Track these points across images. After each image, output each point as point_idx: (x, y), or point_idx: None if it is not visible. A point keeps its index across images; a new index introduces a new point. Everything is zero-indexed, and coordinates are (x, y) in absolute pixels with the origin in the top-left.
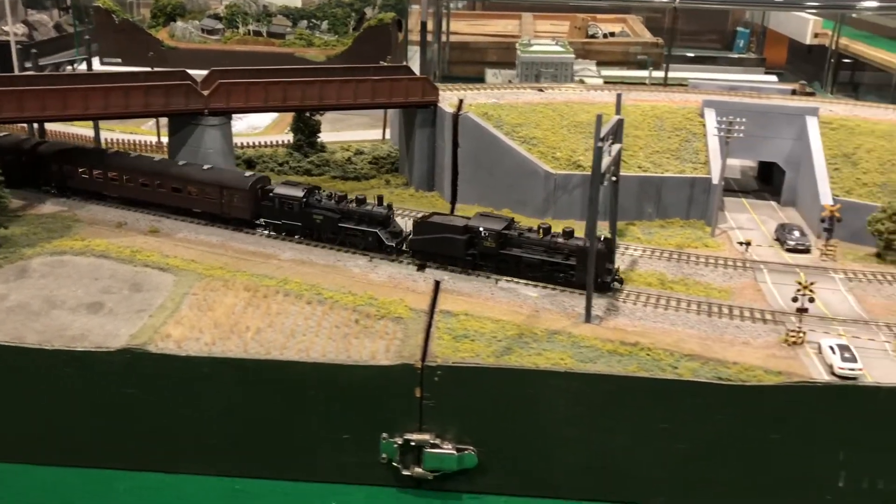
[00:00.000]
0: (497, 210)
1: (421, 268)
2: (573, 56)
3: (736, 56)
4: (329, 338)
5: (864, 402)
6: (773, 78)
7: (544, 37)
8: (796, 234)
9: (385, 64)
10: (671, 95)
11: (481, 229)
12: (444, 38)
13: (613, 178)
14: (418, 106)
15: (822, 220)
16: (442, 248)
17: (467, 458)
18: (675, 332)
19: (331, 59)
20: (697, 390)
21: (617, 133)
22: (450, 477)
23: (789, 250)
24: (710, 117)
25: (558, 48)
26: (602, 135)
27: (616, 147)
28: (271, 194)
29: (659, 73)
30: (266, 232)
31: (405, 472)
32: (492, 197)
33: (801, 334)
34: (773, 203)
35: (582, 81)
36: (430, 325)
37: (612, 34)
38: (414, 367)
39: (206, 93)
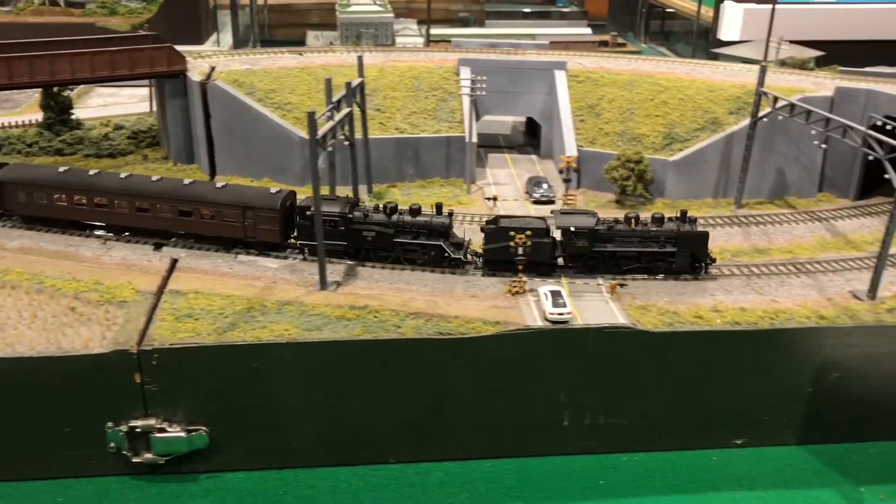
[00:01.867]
0: (257, 180)
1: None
2: (392, 16)
3: (559, 10)
4: (42, 329)
5: (576, 343)
6: (588, 30)
7: None
8: (544, 186)
9: (142, 33)
10: (430, 55)
11: (572, 228)
12: (261, 1)
13: (347, 142)
14: (165, 76)
15: (561, 171)
16: (525, 254)
17: (197, 439)
18: (408, 291)
19: (135, 28)
20: (420, 347)
21: (358, 96)
22: (184, 459)
23: (535, 202)
24: (466, 76)
25: (378, 7)
26: (336, 98)
27: (345, 111)
28: (308, 213)
29: (483, 30)
30: (302, 256)
31: (136, 460)
32: (250, 167)
33: (523, 283)
34: (534, 157)
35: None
36: (155, 307)
37: None
38: (130, 352)
39: None
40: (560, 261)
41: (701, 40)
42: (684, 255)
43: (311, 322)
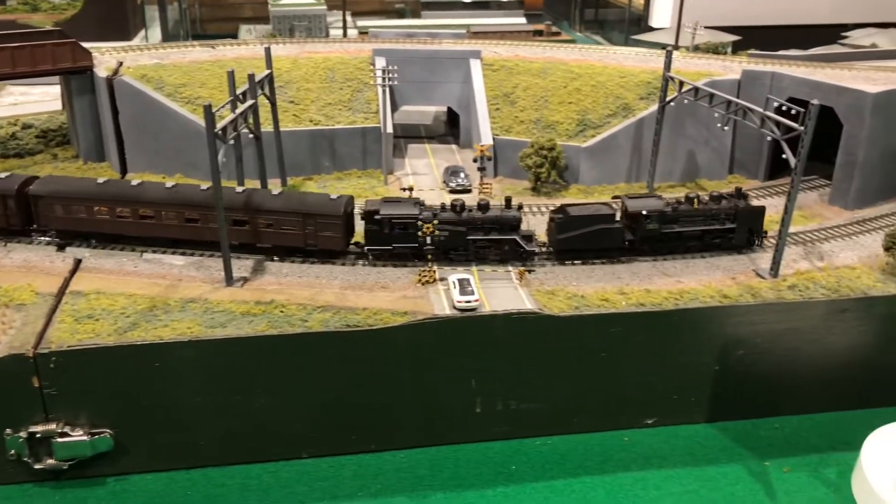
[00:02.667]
0: (169, 176)
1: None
2: (325, 8)
3: (496, 0)
4: None
5: (484, 330)
6: (523, 20)
7: None
8: (461, 175)
9: (48, 28)
10: (345, 46)
11: (644, 212)
12: None
13: (252, 136)
14: (70, 72)
15: (475, 160)
16: (596, 241)
17: (101, 442)
18: (317, 284)
19: (58, 25)
20: (326, 340)
21: (266, 88)
22: (89, 463)
23: (452, 191)
24: (381, 66)
25: (311, 0)
26: (242, 91)
27: (248, 103)
28: (377, 216)
29: (417, 22)
30: (366, 261)
31: (38, 466)
32: (161, 163)
33: (432, 272)
34: (454, 146)
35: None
36: (55, 309)
37: None
38: (26, 356)
39: None
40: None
41: (634, 28)
42: (743, 231)
43: (215, 319)
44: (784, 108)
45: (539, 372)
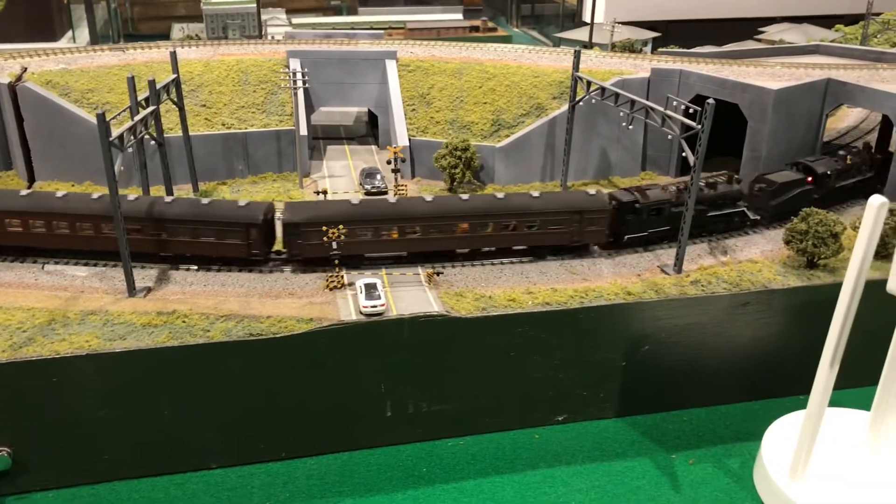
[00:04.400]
0: (79, 184)
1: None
2: (255, 6)
3: None
4: None
5: (392, 334)
6: (459, 16)
7: None
8: (377, 178)
9: None
10: (260, 48)
11: (828, 172)
12: None
13: (154, 142)
14: None
15: (389, 162)
16: (796, 204)
17: None
18: (222, 292)
19: None
20: (229, 350)
21: (173, 93)
22: None
23: (368, 193)
24: (296, 68)
25: None
26: (145, 97)
27: (149, 109)
28: (637, 205)
29: (354, 18)
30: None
31: None
32: (70, 170)
33: (340, 278)
34: (373, 147)
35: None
36: None
37: None
38: None
39: None
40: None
41: (568, 23)
42: (874, 181)
43: (115, 331)
44: (683, 107)
45: (449, 374)
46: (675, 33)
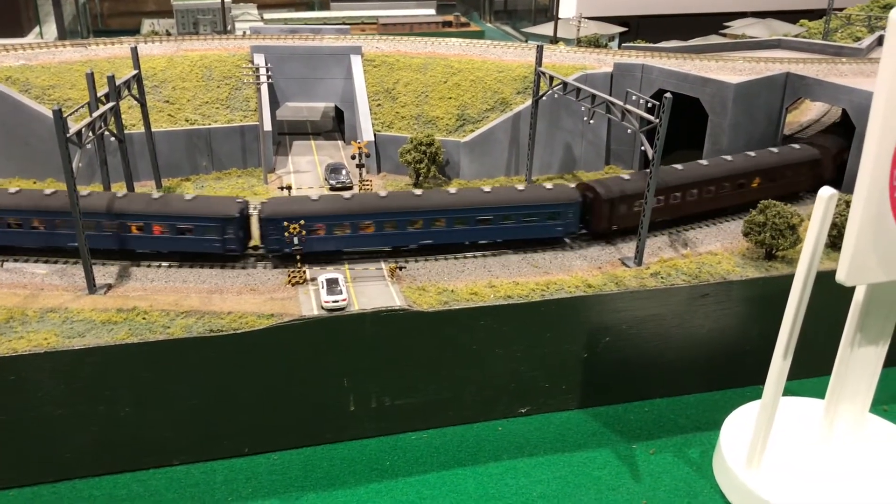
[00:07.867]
0: (41, 181)
1: None
2: (229, 0)
3: None
4: None
5: (354, 329)
6: (432, 11)
7: None
8: (343, 173)
9: None
10: (224, 43)
11: None
12: None
13: (113, 139)
14: None
15: (353, 157)
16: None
17: None
18: (183, 289)
19: None
20: (189, 346)
21: (134, 89)
22: None
23: (333, 189)
24: (260, 63)
25: None
26: (105, 93)
27: (107, 106)
28: None
29: (326, 14)
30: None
31: None
32: (33, 168)
33: (302, 273)
34: (340, 143)
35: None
36: None
37: None
38: None
39: None
40: None
41: (542, 18)
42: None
43: (74, 329)
44: (643, 101)
45: (412, 368)
46: (643, 28)
